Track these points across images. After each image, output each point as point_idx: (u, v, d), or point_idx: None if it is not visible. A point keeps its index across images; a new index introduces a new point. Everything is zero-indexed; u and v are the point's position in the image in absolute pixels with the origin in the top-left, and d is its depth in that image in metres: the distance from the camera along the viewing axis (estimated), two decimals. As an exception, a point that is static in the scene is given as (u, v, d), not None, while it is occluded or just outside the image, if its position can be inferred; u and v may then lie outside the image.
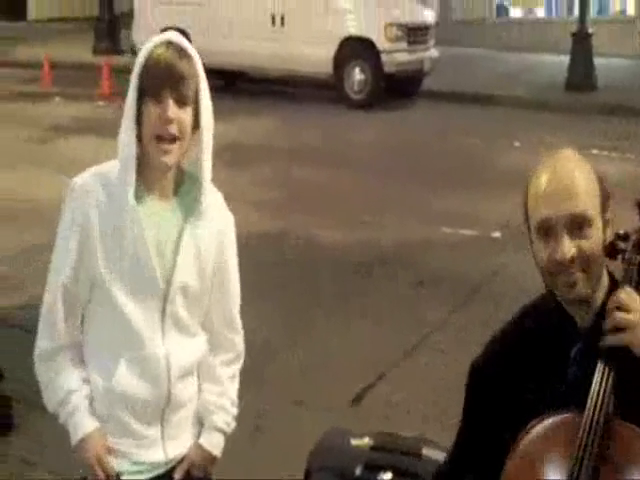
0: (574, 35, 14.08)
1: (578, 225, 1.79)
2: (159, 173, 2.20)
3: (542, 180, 1.84)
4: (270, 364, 4.89)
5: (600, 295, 1.85)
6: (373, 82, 12.70)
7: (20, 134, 10.74)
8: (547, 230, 1.82)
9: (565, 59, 14.25)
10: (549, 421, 1.77)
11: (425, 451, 2.51)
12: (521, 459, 1.76)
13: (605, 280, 1.87)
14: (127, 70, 2.14)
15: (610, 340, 1.73)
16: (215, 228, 2.29)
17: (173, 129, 2.11)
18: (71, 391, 2.21)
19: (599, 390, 1.71)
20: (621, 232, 1.89)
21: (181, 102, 2.12)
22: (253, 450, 4.14)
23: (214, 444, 2.37)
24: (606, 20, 17.62)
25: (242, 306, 2.49)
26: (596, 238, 1.81)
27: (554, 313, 1.88)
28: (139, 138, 2.14)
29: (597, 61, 14.03)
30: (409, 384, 4.93)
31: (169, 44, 2.14)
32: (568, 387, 1.82)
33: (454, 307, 5.97)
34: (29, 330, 2.41)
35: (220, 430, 2.37)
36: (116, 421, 2.23)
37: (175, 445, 2.30)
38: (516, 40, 17.87)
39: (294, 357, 5.13)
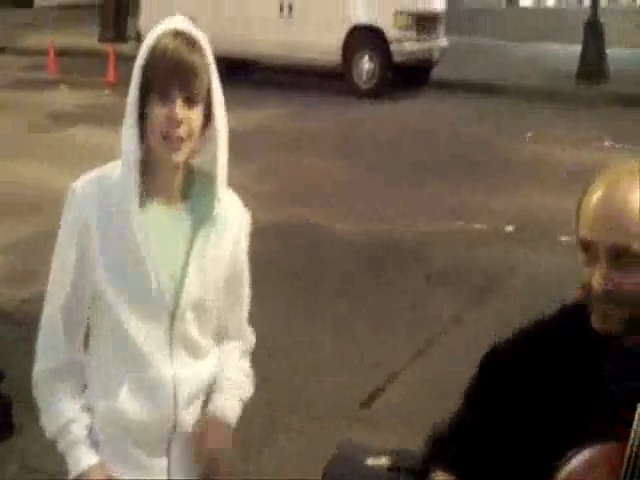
0: (586, 24, 13.92)
1: (619, 256, 1.62)
2: (166, 174, 1.99)
3: (594, 197, 1.65)
4: (276, 367, 4.69)
5: None
6: (382, 71, 12.55)
7: (25, 121, 10.61)
8: (587, 250, 1.67)
9: (576, 49, 14.09)
10: (592, 450, 1.61)
11: None
12: None
13: None
14: (133, 58, 1.94)
15: None
16: (230, 235, 2.07)
17: (181, 131, 1.90)
18: (71, 420, 2.03)
19: None
20: None
21: (191, 101, 1.91)
22: (262, 456, 4.02)
23: (227, 409, 2.09)
24: (618, 10, 17.39)
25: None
26: None
27: (585, 319, 1.70)
28: (143, 136, 1.95)
29: (609, 51, 13.85)
30: (420, 387, 4.78)
31: (177, 34, 1.90)
32: (604, 405, 1.66)
33: (466, 305, 5.83)
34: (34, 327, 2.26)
35: (232, 394, 2.12)
36: (117, 448, 2.05)
37: (184, 477, 2.09)
38: (526, 29, 17.70)
39: (301, 358, 4.96)
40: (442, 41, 13.33)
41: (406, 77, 13.01)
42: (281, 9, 12.91)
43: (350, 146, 9.90)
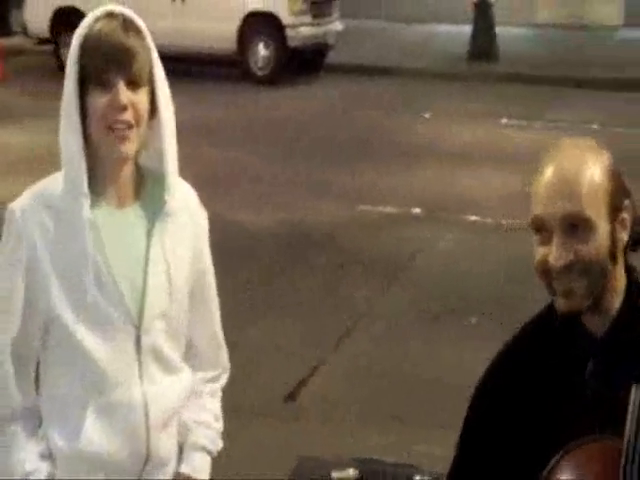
0: (475, 5, 14.11)
1: (574, 226, 1.60)
2: (115, 172, 1.84)
3: (544, 173, 1.65)
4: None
5: (616, 301, 1.67)
6: (277, 57, 12.45)
7: None
8: (540, 228, 1.64)
9: (466, 29, 14.28)
10: (583, 451, 1.58)
11: (418, 479, 2.28)
12: None
13: (621, 283, 1.68)
14: (18, 52, 1.77)
15: None
16: (189, 231, 1.92)
17: (128, 116, 1.76)
18: (30, 473, 1.84)
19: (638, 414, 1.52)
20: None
21: (134, 84, 1.77)
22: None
23: (197, 468, 1.96)
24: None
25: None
26: (599, 243, 1.61)
27: (564, 322, 1.69)
28: (85, 133, 1.79)
29: (498, 30, 14.09)
30: (343, 376, 4.76)
31: (111, 16, 1.78)
32: (587, 405, 1.64)
33: (379, 290, 5.83)
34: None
35: (203, 449, 1.98)
36: None
37: None
38: (417, 11, 17.81)
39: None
40: (337, 25, 13.32)
41: (302, 62, 12.95)
42: (173, -3, 12.67)
43: (248, 134, 9.77)
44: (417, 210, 7.29)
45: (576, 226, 1.61)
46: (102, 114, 1.76)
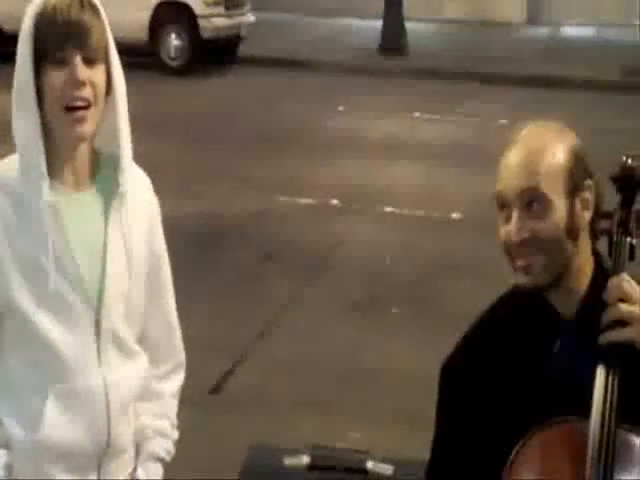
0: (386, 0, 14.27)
1: (530, 203, 1.65)
2: (71, 154, 1.80)
3: (506, 154, 1.71)
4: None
5: (584, 281, 1.72)
6: (190, 48, 12.37)
7: None
8: (502, 205, 1.69)
9: (377, 24, 14.42)
10: (549, 432, 1.61)
11: (370, 465, 2.28)
12: (521, 477, 1.60)
13: (588, 265, 1.73)
14: None
15: (611, 336, 1.58)
16: (143, 214, 1.91)
17: (86, 93, 1.72)
18: None
19: (605, 395, 1.55)
20: (603, 211, 1.72)
21: (90, 61, 1.73)
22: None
23: (152, 475, 1.98)
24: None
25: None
26: (556, 220, 1.65)
27: (532, 302, 1.73)
28: (40, 114, 1.75)
29: (408, 25, 14.28)
30: (268, 367, 4.76)
31: None
32: (554, 385, 1.68)
33: (301, 281, 5.85)
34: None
35: (159, 459, 2.00)
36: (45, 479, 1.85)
37: None
38: (328, 5, 17.91)
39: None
40: (249, 17, 13.30)
41: (213, 53, 12.88)
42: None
43: (161, 124, 9.65)
44: (335, 201, 7.35)
45: (533, 202, 1.65)
46: (59, 92, 1.73)
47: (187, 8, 12.21)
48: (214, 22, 12.39)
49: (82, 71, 1.73)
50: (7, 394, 1.85)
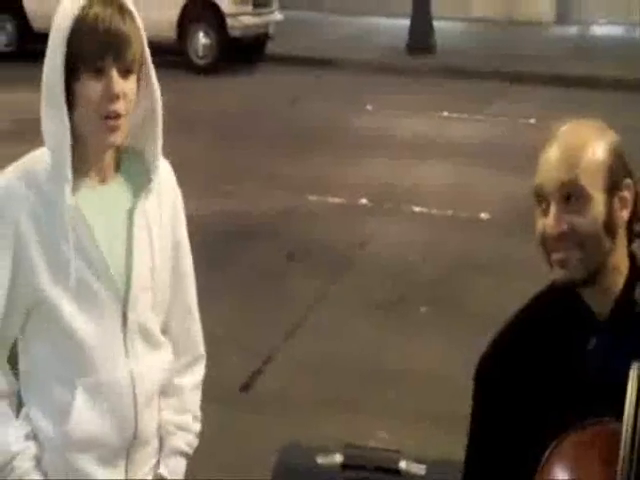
0: (414, -1, 14.23)
1: (569, 196, 1.66)
2: (99, 156, 1.83)
3: (548, 149, 1.72)
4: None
5: (619, 281, 1.71)
6: (218, 46, 12.41)
7: None
8: (540, 197, 1.70)
9: (404, 23, 14.39)
10: (583, 434, 1.62)
11: (403, 465, 2.28)
12: (554, 477, 1.59)
13: (624, 264, 1.73)
14: None
15: None
16: (168, 204, 1.93)
17: (119, 106, 1.74)
18: (15, 454, 1.82)
19: (637, 396, 1.54)
20: None
21: (126, 72, 1.74)
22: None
23: (175, 470, 2.00)
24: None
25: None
26: (594, 216, 1.66)
27: (567, 300, 1.73)
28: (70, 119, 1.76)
29: (436, 23, 14.24)
30: (296, 366, 4.76)
31: (105, 1, 1.72)
32: (589, 384, 1.68)
33: (328, 280, 5.85)
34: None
35: (181, 453, 2.02)
36: (74, 471, 1.85)
37: None
38: (355, 3, 17.89)
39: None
40: (277, 15, 13.31)
41: (242, 51, 12.91)
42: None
43: (192, 123, 9.69)
44: (364, 201, 7.34)
45: (572, 196, 1.66)
46: (95, 104, 1.73)
47: (215, 6, 12.24)
48: (242, 20, 12.42)
49: (117, 84, 1.73)
50: (34, 386, 1.86)
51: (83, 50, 1.71)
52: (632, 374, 1.57)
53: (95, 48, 1.71)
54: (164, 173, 1.95)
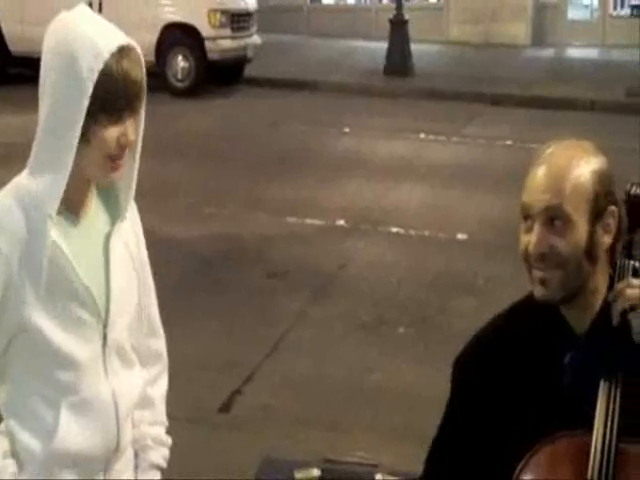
0: (391, 22, 14.38)
1: (552, 219, 1.70)
2: (87, 190, 1.89)
3: (535, 168, 1.75)
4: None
5: (597, 298, 1.76)
6: (197, 70, 12.48)
7: None
8: (526, 215, 1.74)
9: (382, 45, 14.53)
10: (555, 446, 1.66)
11: (378, 477, 2.32)
12: None
13: (604, 285, 1.77)
14: None
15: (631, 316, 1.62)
16: (133, 227, 2.02)
17: (126, 152, 1.84)
18: None
19: (606, 412, 1.61)
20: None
21: (136, 120, 1.84)
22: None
23: None
24: (418, 7, 18.08)
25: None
26: (576, 240, 1.70)
27: (546, 313, 1.77)
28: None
29: (413, 47, 14.38)
30: (275, 385, 4.79)
31: (124, 51, 1.79)
32: (562, 398, 1.72)
33: (308, 301, 5.89)
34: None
35: (158, 467, 2.09)
36: None
37: None
38: (333, 27, 18.05)
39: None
40: (255, 38, 13.41)
41: (220, 74, 12.99)
42: (90, 6, 12.52)
43: (171, 146, 9.74)
44: (342, 222, 7.40)
45: (555, 219, 1.70)
46: (107, 147, 1.79)
47: (194, 30, 12.32)
48: (221, 44, 12.50)
49: (132, 131, 1.81)
50: (20, 410, 1.90)
51: (107, 98, 1.76)
52: (602, 388, 1.63)
53: (119, 98, 1.77)
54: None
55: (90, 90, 1.77)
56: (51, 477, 1.90)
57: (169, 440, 2.14)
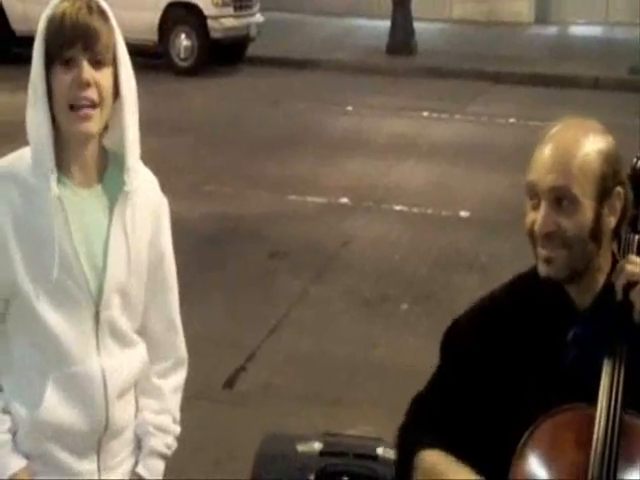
0: (394, 0, 14.31)
1: (559, 200, 1.71)
2: (79, 151, 1.88)
3: (542, 147, 1.75)
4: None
5: (600, 277, 1.77)
6: (199, 49, 12.45)
7: None
8: (532, 193, 1.74)
9: (384, 24, 14.47)
10: (558, 418, 1.67)
11: (380, 451, 2.34)
12: (531, 461, 1.65)
13: (607, 265, 1.78)
14: None
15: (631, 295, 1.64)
16: (149, 214, 1.98)
17: (91, 93, 1.81)
18: None
19: (611, 382, 1.62)
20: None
21: (97, 63, 1.83)
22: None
23: (153, 471, 2.07)
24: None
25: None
26: (581, 221, 1.71)
27: (549, 289, 1.78)
28: (52, 113, 1.84)
29: (416, 25, 14.32)
30: (278, 363, 4.82)
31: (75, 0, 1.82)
32: (564, 373, 1.73)
33: (311, 279, 5.90)
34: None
35: (160, 454, 2.07)
36: (45, 456, 1.93)
37: (114, 477, 2.02)
38: (335, 5, 17.96)
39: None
40: (258, 17, 13.36)
41: (223, 53, 12.95)
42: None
43: (173, 124, 9.74)
44: (345, 200, 7.41)
45: (562, 199, 1.71)
46: (65, 92, 1.82)
47: (196, 9, 12.28)
48: (223, 23, 12.46)
49: (87, 72, 1.81)
50: (13, 373, 1.94)
51: (55, 44, 1.82)
52: (606, 362, 1.64)
53: (64, 41, 1.81)
54: (146, 182, 2.01)
55: (42, 43, 1.82)
56: (39, 447, 1.93)
57: (176, 429, 2.11)
